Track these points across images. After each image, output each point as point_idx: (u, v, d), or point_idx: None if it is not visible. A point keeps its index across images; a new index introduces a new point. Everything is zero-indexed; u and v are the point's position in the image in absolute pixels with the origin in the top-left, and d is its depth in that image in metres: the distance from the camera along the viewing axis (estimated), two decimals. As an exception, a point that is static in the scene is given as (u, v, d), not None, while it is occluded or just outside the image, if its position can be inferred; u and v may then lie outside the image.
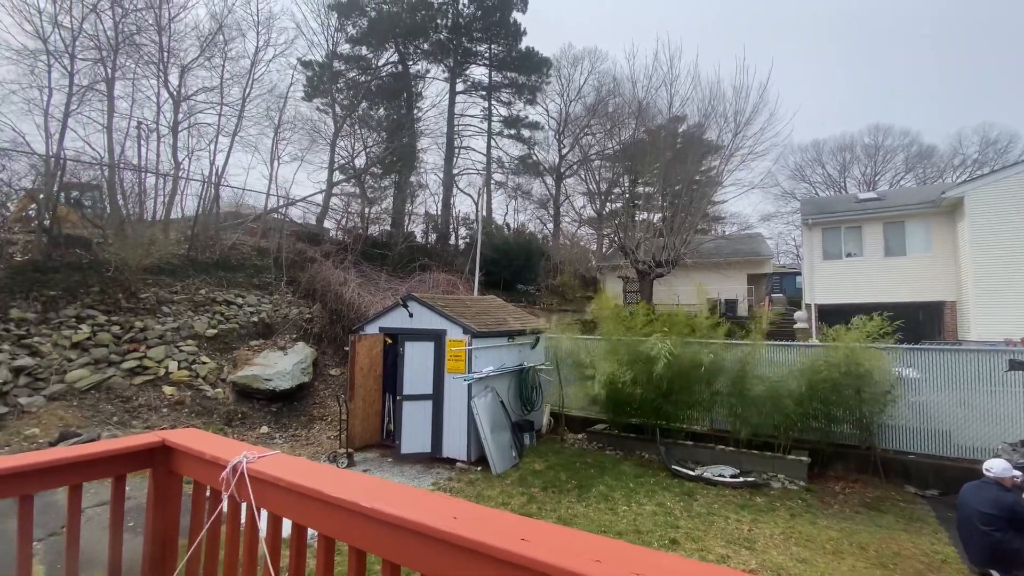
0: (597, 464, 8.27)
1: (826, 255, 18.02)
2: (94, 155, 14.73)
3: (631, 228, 20.13)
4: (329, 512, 1.37)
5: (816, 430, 8.12)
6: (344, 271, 15.27)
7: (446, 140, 27.41)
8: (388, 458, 8.64)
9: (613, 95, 23.77)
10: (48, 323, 9.97)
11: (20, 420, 8.23)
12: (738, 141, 18.72)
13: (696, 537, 5.71)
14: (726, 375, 8.41)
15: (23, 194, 13.36)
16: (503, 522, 1.17)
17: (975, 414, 7.61)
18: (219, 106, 17.11)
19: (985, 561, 4.90)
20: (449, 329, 8.61)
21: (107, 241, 12.40)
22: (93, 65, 14.38)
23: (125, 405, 9.31)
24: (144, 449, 1.86)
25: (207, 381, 10.62)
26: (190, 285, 12.81)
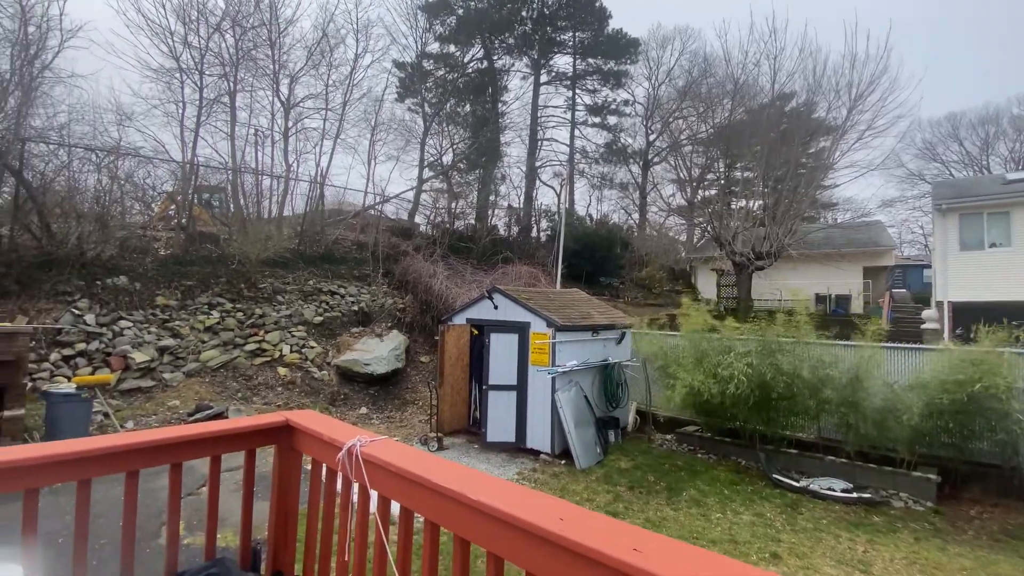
0: (687, 467, 7.91)
1: (963, 245, 15.65)
2: (220, 160, 16.65)
3: (727, 217, 18.85)
4: (435, 499, 1.42)
5: (948, 445, 7.11)
6: (433, 264, 15.93)
7: (529, 133, 27.47)
8: (474, 444, 8.91)
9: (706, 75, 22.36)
10: (186, 309, 11.46)
11: (164, 393, 9.57)
12: (853, 117, 16.77)
13: (801, 553, 5.26)
14: (835, 381, 7.59)
15: (164, 196, 15.46)
16: (612, 529, 1.13)
17: None
18: (323, 111, 18.53)
19: None
20: (533, 322, 8.66)
21: (232, 237, 13.98)
22: (218, 80, 16.21)
23: (247, 383, 10.48)
24: (271, 427, 2.06)
25: (314, 364, 11.64)
26: (300, 276, 14.07)
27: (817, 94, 17.59)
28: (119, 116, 14.71)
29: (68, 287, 10.36)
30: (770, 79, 18.26)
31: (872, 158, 27.56)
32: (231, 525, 4.68)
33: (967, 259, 15.47)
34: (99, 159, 13.18)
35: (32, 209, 11.22)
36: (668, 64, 28.44)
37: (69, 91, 13.67)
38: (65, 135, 12.74)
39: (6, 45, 11.98)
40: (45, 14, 12.28)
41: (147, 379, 9.66)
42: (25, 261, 10.46)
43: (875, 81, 16.20)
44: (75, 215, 11.78)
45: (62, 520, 4.79)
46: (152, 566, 4.29)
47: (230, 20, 15.91)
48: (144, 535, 4.78)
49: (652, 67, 29.00)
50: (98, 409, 8.20)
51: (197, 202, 15.63)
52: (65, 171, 12.47)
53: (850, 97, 16.54)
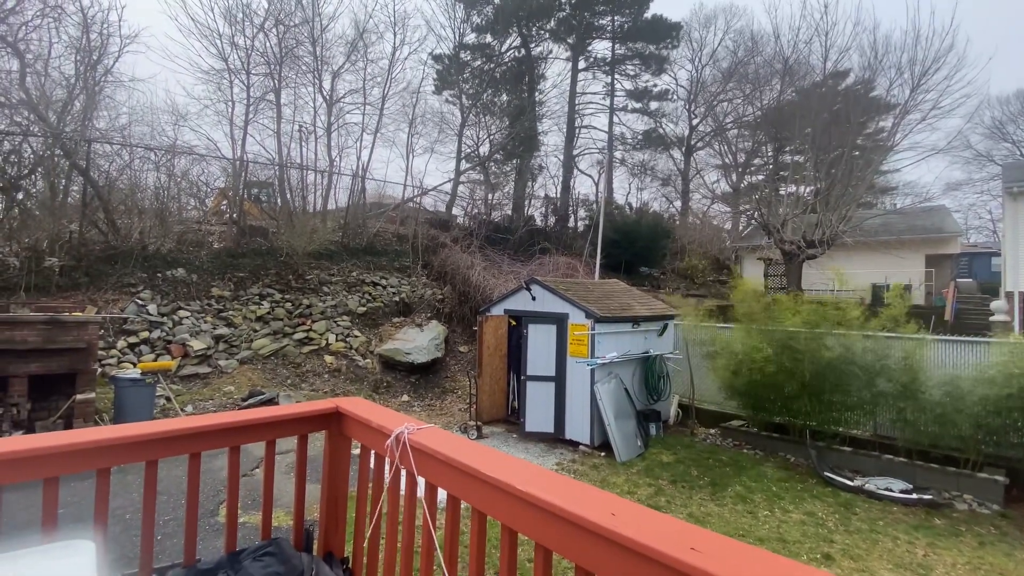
0: (733, 462, 7.69)
1: (1041, 231, 14.38)
2: (268, 156, 17.27)
3: (775, 203, 18.04)
4: (483, 489, 1.42)
5: (1017, 445, 6.61)
6: (470, 255, 16.04)
7: (567, 120, 27.06)
8: (513, 434, 8.97)
9: (753, 55, 21.36)
10: (239, 299, 12.02)
11: (220, 379, 10.09)
12: (916, 96, 15.62)
13: (856, 556, 5.03)
14: (893, 373, 7.18)
15: (217, 192, 16.20)
16: (667, 526, 1.10)
17: None
18: (363, 106, 18.87)
19: None
20: (571, 313, 8.58)
21: (279, 230, 14.52)
22: (263, 78, 16.77)
23: (296, 370, 10.92)
24: (322, 414, 2.12)
25: (358, 352, 11.99)
26: (344, 268, 14.48)
27: (877, 72, 16.49)
28: (175, 117, 15.52)
29: (132, 279, 11.05)
30: (821, 57, 17.25)
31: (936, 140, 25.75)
32: (282, 506, 4.90)
33: (1045, 246, 14.21)
34: (157, 158, 13.95)
35: (98, 206, 12.02)
36: (712, 45, 27.35)
37: (129, 94, 14.54)
38: (126, 136, 13.55)
39: (71, 51, 12.79)
40: (105, 21, 13.02)
41: (204, 366, 10.21)
42: (93, 255, 11.23)
43: (941, 59, 15.01)
44: (137, 211, 12.54)
45: (128, 497, 5.15)
46: (212, 542, 4.55)
47: (273, 19, 16.39)
48: (203, 512, 5.08)
49: (695, 48, 27.96)
50: (161, 393, 8.74)
51: (247, 197, 16.31)
52: (127, 170, 13.28)
53: (913, 75, 15.41)
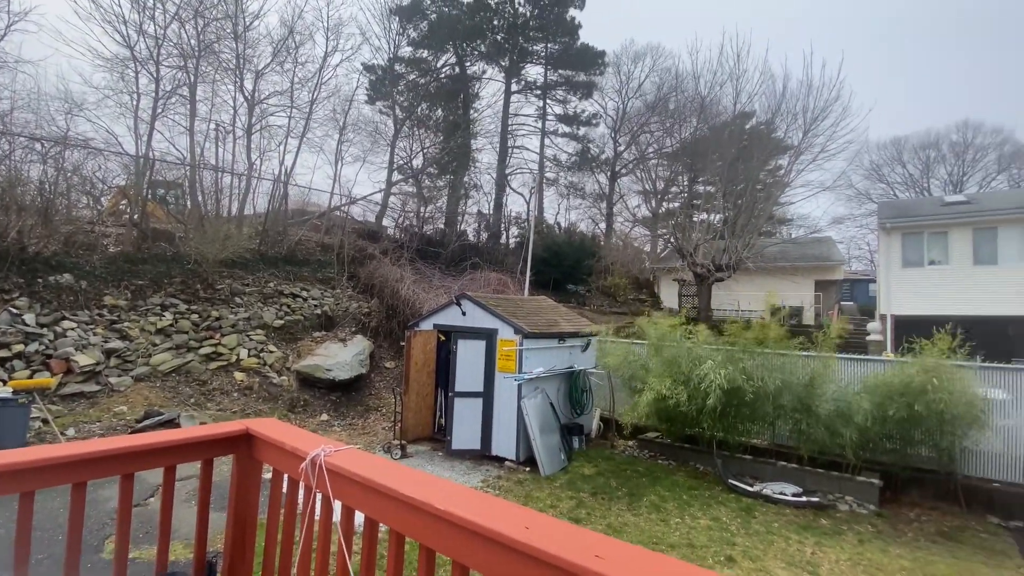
0: (648, 473, 8.08)
1: (906, 262, 16.68)
2: (178, 155, 16.00)
3: (689, 229, 19.46)
4: (402, 510, 1.42)
5: (890, 452, 7.55)
6: (400, 268, 15.76)
7: (500, 140, 27.62)
8: (439, 452, 8.83)
9: (675, 92, 23.12)
10: (136, 310, 10.92)
11: (110, 398, 9.07)
12: (808, 139, 17.67)
13: (754, 556, 5.46)
14: (792, 389, 7.95)
15: (115, 190, 14.72)
16: (576, 536, 1.17)
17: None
18: (289, 109, 18.12)
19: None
20: (501, 328, 8.68)
21: (188, 236, 13.43)
22: (176, 72, 15.61)
23: (201, 388, 10.05)
24: (231, 436, 2.00)
25: (273, 369, 11.28)
26: (260, 278, 13.63)
27: (776, 116, 18.47)
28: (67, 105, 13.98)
29: (6, 284, 9.70)
30: (733, 99, 19.06)
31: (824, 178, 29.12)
32: (180, 538, 4.48)
33: (909, 275, 16.50)
34: (44, 149, 12.45)
35: (-34, 200, 10.48)
36: (639, 79, 29.24)
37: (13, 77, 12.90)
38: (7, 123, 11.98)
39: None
40: (-10, -6, 11.57)
41: (91, 383, 9.13)
42: (-44, 255, 9.75)
43: (829, 108, 17.16)
44: (16, 207, 11.06)
45: (-8, 535, 4.47)
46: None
47: (192, 10, 15.37)
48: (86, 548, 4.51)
49: (623, 81, 29.73)
50: (36, 415, 7.69)
51: (151, 197, 14.95)
52: (6, 161, 11.72)
53: (805, 121, 17.45)
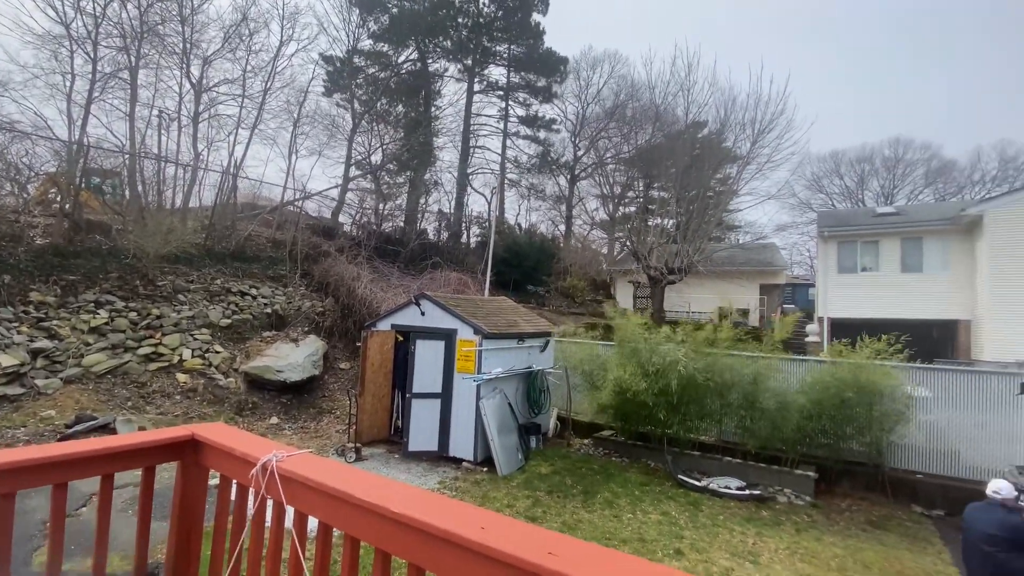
0: (603, 470, 8.28)
1: (841, 268, 17.84)
2: (116, 143, 15.00)
3: (644, 233, 20.06)
4: (357, 514, 1.42)
5: (825, 446, 8.06)
6: (357, 266, 15.41)
7: (462, 139, 27.50)
8: (395, 454, 8.72)
9: (631, 99, 23.73)
10: (67, 307, 10.17)
11: (36, 401, 8.42)
12: (755, 150, 18.60)
13: (700, 548, 5.71)
14: (738, 387, 8.36)
15: (45, 178, 13.64)
16: (530, 535, 1.20)
17: (984, 435, 7.52)
18: (240, 98, 17.33)
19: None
20: (460, 329, 8.67)
21: (127, 228, 12.63)
22: (116, 53, 14.63)
23: (140, 391, 9.48)
24: (175, 442, 1.92)
25: (220, 370, 10.78)
26: (206, 275, 13.00)
27: (726, 127, 19.31)
28: (-11, 83, 12.82)
29: (-89, 278, 8.82)
30: (685, 109, 19.78)
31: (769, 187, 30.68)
32: (118, 549, 4.22)
33: (844, 280, 17.66)
34: (-40, 130, 11.38)
35: None
36: (597, 85, 29.82)
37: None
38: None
39: None
40: None
41: (15, 386, 8.44)
42: None
43: (774, 120, 18.12)
44: (-76, 194, 10.07)
45: None
46: (14, 602, 3.76)
47: (134, -11, 14.44)
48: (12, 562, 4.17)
49: (582, 86, 30.25)
50: (-54, 421, 7.04)
51: (85, 186, 13.93)
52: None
53: (753, 132, 18.35)
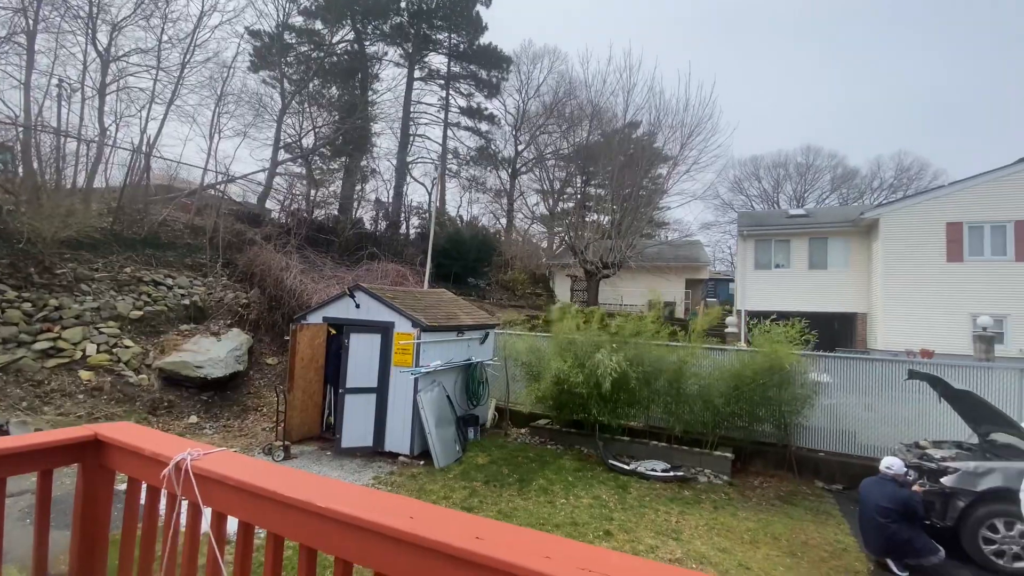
0: (538, 458, 8.48)
1: (757, 265, 19.29)
2: (8, 113, 13.27)
3: (581, 228, 20.60)
4: (280, 511, 1.37)
5: (741, 428, 8.71)
6: (286, 256, 14.66)
7: (401, 126, 26.81)
8: (327, 451, 8.45)
9: (570, 97, 24.16)
10: (-60, 297, 8.93)
11: (-98, 404, 7.36)
12: (684, 152, 19.61)
13: (628, 528, 6.01)
14: (664, 375, 8.86)
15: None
16: (459, 521, 1.23)
17: (877, 417, 8.44)
18: (154, 70, 15.84)
19: (881, 550, 5.49)
20: (397, 322, 8.51)
21: (19, 209, 11.22)
22: (12, 15, 12.92)
23: (36, 389, 8.52)
24: (75, 443, 1.76)
25: (130, 366, 9.91)
26: (113, 262, 11.85)
27: (658, 129, 20.19)
28: None
29: None
30: (623, 109, 20.46)
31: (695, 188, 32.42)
32: (13, 561, 3.81)
33: (759, 276, 19.11)
34: None
35: None
36: (537, 80, 30.10)
37: None
38: None
39: None
40: None
41: None
42: None
43: (701, 125, 19.17)
44: None
45: None
46: None
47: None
48: None
49: (523, 81, 30.40)
50: None
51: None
52: None
53: (682, 135, 19.33)
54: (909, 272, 15.48)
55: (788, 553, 5.69)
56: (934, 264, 15.28)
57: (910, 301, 15.31)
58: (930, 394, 7.36)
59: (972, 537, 5.57)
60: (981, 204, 14.86)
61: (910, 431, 7.96)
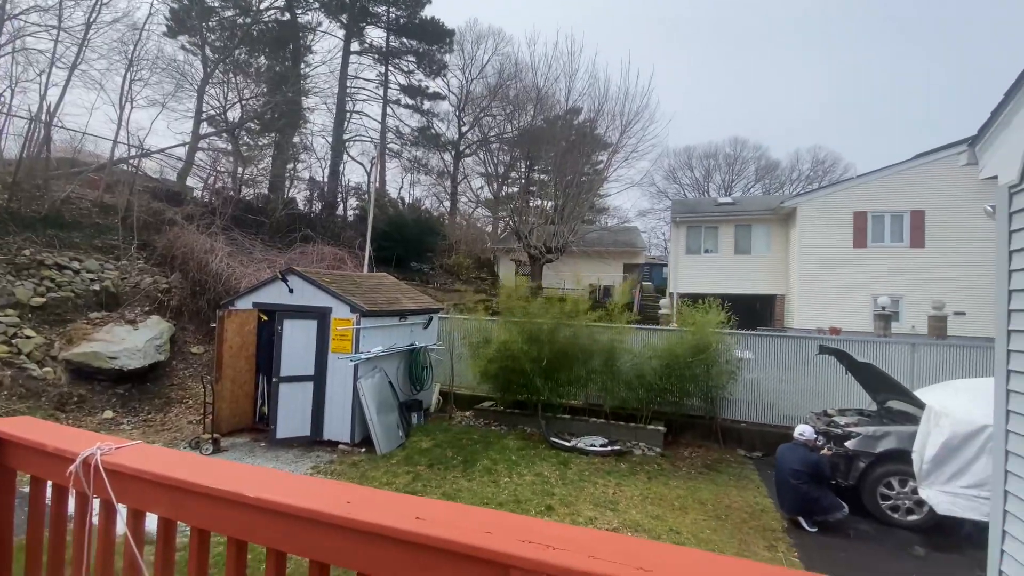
0: (483, 440, 8.57)
1: (688, 250, 20.30)
2: None
3: (526, 213, 20.72)
4: (205, 504, 1.30)
5: (672, 403, 9.21)
6: (211, 237, 13.69)
7: (337, 102, 25.55)
8: (261, 443, 8.10)
9: (515, 79, 23.99)
10: None
11: None
12: (623, 140, 20.14)
13: (569, 502, 6.24)
14: (600, 354, 9.19)
15: None
16: (399, 503, 1.22)
17: (792, 389, 9.22)
18: (55, 31, 14.07)
19: (793, 509, 6.05)
20: (335, 307, 8.22)
21: None
22: None
23: (-92, 388, 7.50)
24: (-39, 443, 1.57)
25: (32, 359, 8.94)
26: (9, 243, 10.56)
27: (599, 116, 20.56)
28: None
29: None
30: (565, 95, 20.62)
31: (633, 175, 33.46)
32: None
33: (690, 260, 20.14)
34: None
35: None
36: (481, 61, 29.60)
37: None
38: None
39: None
40: None
41: None
42: None
43: (639, 113, 19.73)
44: None
45: None
46: None
47: None
48: None
49: (467, 60, 29.79)
50: None
51: None
52: None
53: (622, 123, 19.80)
54: (821, 257, 16.88)
55: (714, 516, 6.14)
56: (843, 249, 16.73)
57: (822, 283, 16.73)
58: (837, 367, 8.12)
59: (871, 494, 6.25)
60: (883, 195, 16.40)
61: (820, 401, 8.75)
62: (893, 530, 5.99)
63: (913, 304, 15.36)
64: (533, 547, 0.99)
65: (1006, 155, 3.44)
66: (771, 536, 5.71)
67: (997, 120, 3.54)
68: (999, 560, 3.58)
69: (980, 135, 3.74)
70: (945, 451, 5.47)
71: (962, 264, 14.79)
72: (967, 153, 3.88)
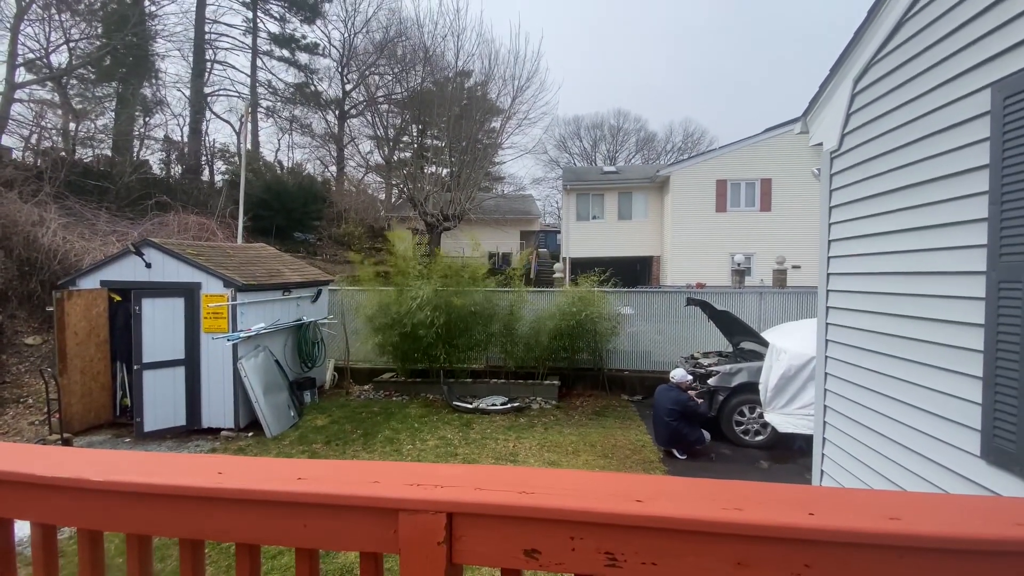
0: (383, 411, 8.45)
1: (578, 216, 21.30)
2: None
3: (420, 180, 20.09)
4: (43, 496, 1.14)
5: (565, 359, 9.83)
6: (39, 207, 11.46)
7: (194, 49, 22.26)
8: (126, 438, 7.23)
9: (402, 37, 22.68)
10: None
11: None
12: (516, 105, 20.19)
13: (472, 460, 6.45)
14: (499, 318, 9.44)
15: None
16: (277, 467, 1.16)
17: (666, 338, 10.29)
18: None
19: (667, 442, 6.86)
20: (205, 282, 7.41)
21: None
22: None
23: None
24: None
25: None
26: None
27: (490, 79, 20.31)
28: None
29: None
30: (454, 55, 20.00)
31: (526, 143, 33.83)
32: None
33: (580, 227, 21.18)
34: None
35: None
36: (366, 14, 27.42)
37: None
38: None
39: None
40: None
41: None
42: None
43: (531, 79, 19.84)
44: None
45: None
46: None
47: None
48: None
49: (349, 12, 27.42)
50: None
51: None
52: None
53: (514, 88, 19.79)
54: (690, 221, 18.70)
55: (602, 456, 6.75)
56: (707, 214, 18.66)
57: (691, 244, 18.61)
58: (702, 316, 9.19)
59: (728, 422, 7.29)
60: (739, 165, 18.45)
61: (689, 346, 9.87)
62: (746, 450, 7.07)
63: (762, 260, 17.71)
64: (422, 488, 1.01)
65: (829, 124, 4.05)
66: (649, 466, 6.44)
67: (823, 94, 4.13)
68: (820, 462, 4.41)
69: (810, 107, 4.35)
70: (783, 380, 6.54)
71: (800, 225, 17.30)
72: (800, 123, 4.49)
